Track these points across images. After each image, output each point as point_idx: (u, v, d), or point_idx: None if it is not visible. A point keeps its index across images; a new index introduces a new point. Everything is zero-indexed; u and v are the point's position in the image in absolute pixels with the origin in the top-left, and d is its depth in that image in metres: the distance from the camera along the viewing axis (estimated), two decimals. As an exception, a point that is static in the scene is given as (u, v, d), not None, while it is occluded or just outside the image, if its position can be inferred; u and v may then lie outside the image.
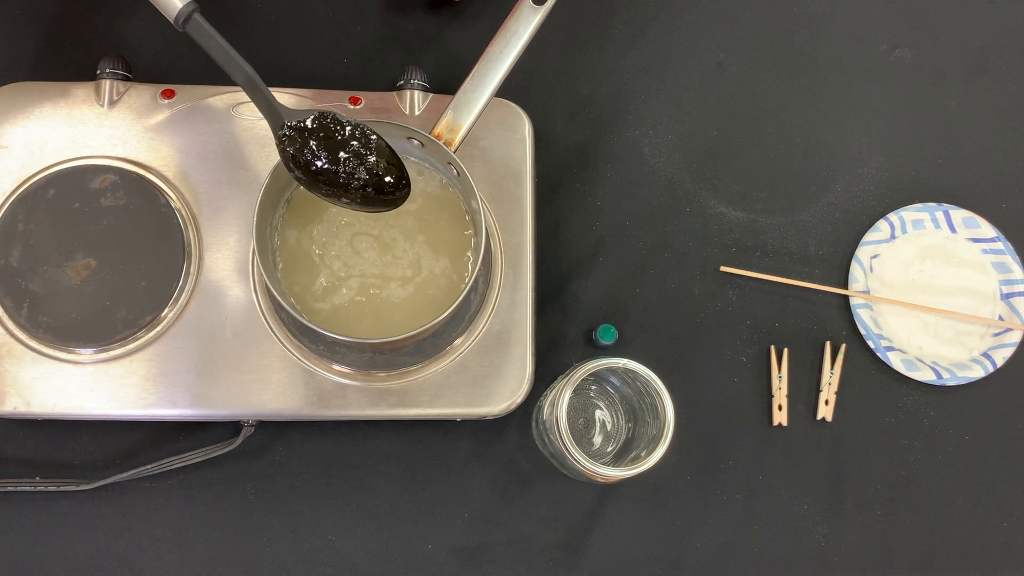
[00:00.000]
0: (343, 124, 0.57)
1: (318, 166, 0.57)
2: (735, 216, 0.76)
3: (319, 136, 0.57)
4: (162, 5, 0.54)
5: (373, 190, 0.58)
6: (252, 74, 0.56)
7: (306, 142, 0.57)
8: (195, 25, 0.55)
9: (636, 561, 0.69)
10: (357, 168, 0.57)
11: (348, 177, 0.57)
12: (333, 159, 0.57)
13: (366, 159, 0.57)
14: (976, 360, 0.74)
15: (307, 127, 0.57)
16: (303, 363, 0.63)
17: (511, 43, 0.60)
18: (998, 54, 0.81)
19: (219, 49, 0.55)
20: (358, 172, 0.57)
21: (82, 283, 0.62)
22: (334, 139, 0.57)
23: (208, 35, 0.55)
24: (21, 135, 0.65)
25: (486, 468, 0.69)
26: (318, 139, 0.57)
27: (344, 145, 0.57)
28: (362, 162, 0.57)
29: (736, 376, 0.73)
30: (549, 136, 0.75)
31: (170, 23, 0.55)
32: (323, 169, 0.57)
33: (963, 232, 0.76)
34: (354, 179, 0.57)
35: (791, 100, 0.79)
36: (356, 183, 0.57)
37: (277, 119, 0.57)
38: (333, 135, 0.57)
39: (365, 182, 0.58)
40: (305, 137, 0.57)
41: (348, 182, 0.57)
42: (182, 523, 0.66)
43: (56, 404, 0.62)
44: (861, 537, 0.71)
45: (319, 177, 0.57)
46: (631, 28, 0.79)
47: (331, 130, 0.57)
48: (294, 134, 0.57)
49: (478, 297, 0.66)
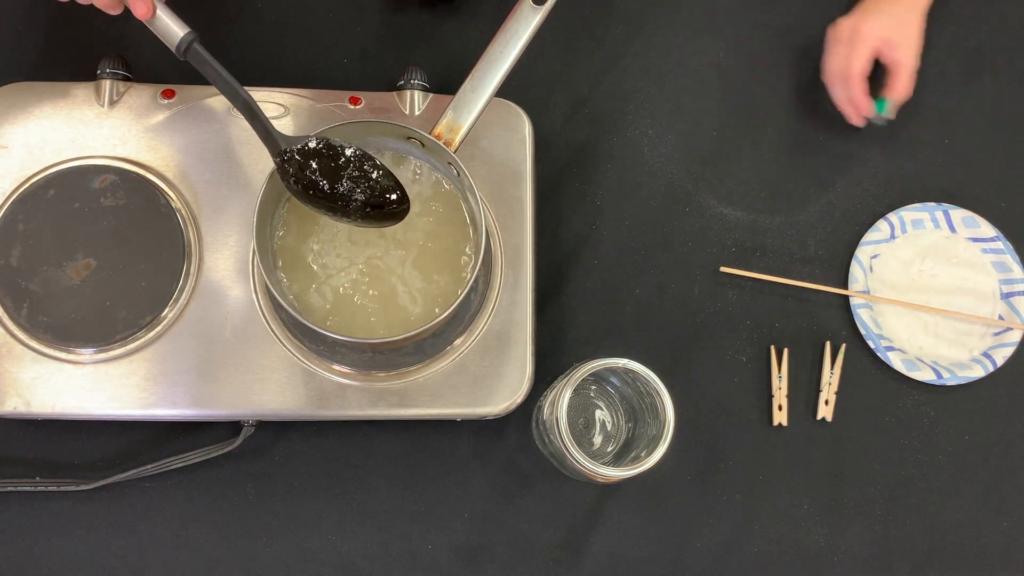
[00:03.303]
0: (341, 147, 0.59)
1: (318, 189, 0.58)
2: (735, 216, 0.76)
3: (318, 160, 0.58)
4: (163, 34, 0.56)
5: (372, 208, 0.60)
6: (250, 101, 0.58)
7: (306, 165, 0.58)
8: (195, 54, 0.57)
9: (636, 561, 0.69)
10: (355, 189, 0.59)
11: (347, 198, 0.59)
12: (332, 181, 0.58)
13: (364, 180, 0.59)
14: (976, 360, 0.74)
15: (306, 150, 0.58)
16: (303, 363, 0.63)
17: (511, 43, 0.60)
18: (998, 54, 0.81)
19: (218, 77, 0.57)
20: (355, 193, 0.59)
21: (82, 283, 0.62)
22: (332, 162, 0.58)
23: (207, 63, 0.57)
24: (21, 135, 0.65)
25: (486, 468, 0.69)
26: (317, 163, 0.58)
27: (342, 168, 0.59)
28: (359, 183, 0.59)
29: (736, 376, 0.73)
30: (549, 136, 0.75)
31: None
32: (323, 191, 0.59)
33: (963, 232, 0.76)
34: (352, 200, 0.59)
35: (791, 100, 0.79)
36: (355, 203, 0.59)
37: (275, 145, 0.58)
38: (331, 159, 0.58)
39: (364, 202, 0.59)
40: (304, 161, 0.58)
41: (348, 203, 0.59)
42: (182, 523, 0.66)
43: (56, 404, 0.62)
44: (861, 537, 0.71)
45: (319, 198, 0.59)
46: (631, 28, 0.79)
47: (328, 155, 0.58)
48: (295, 158, 0.58)
49: (478, 297, 0.66)
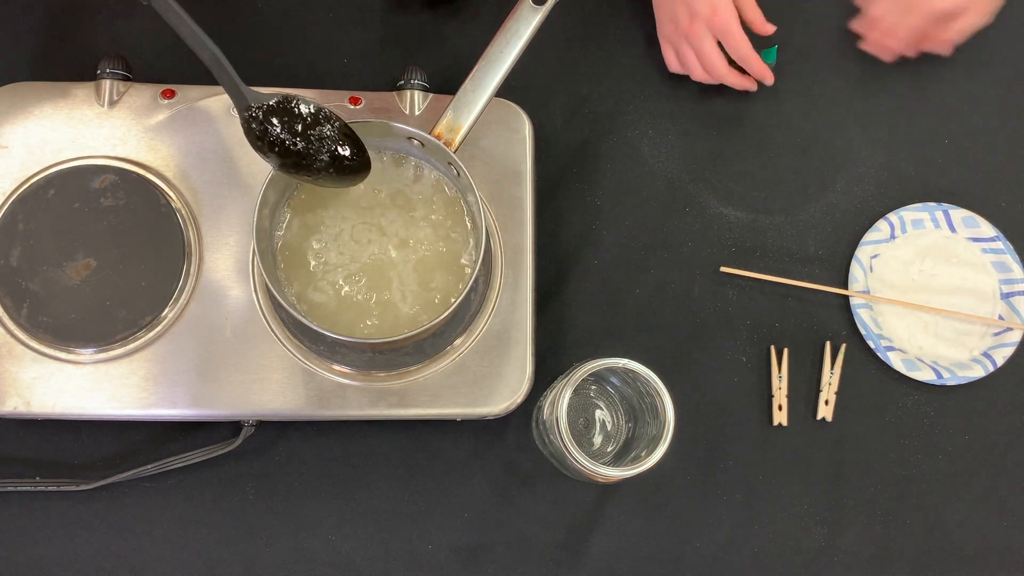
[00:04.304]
0: (297, 103, 0.58)
1: (283, 146, 0.58)
2: (735, 216, 0.76)
3: (278, 117, 0.58)
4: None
5: (335, 163, 0.59)
6: (218, 54, 0.56)
7: (269, 122, 0.57)
8: (160, 1, 0.55)
9: (636, 561, 0.69)
10: (313, 145, 0.58)
11: (311, 154, 0.58)
12: (293, 137, 0.58)
13: (326, 136, 0.58)
14: (976, 360, 0.74)
15: (269, 107, 0.57)
16: (303, 363, 0.63)
17: (511, 43, 0.60)
18: (999, 52, 0.81)
19: (185, 27, 0.55)
20: (314, 149, 0.58)
21: (82, 283, 0.62)
22: (291, 118, 0.58)
23: (174, 12, 0.55)
24: (21, 135, 0.65)
25: (486, 468, 0.69)
26: (281, 120, 0.58)
27: (300, 122, 0.58)
28: (323, 139, 0.58)
29: (736, 376, 0.73)
30: (549, 136, 0.75)
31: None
32: (286, 148, 0.58)
33: (963, 232, 0.76)
34: (314, 156, 0.59)
35: (791, 100, 0.79)
36: (319, 161, 0.59)
37: (242, 101, 0.58)
38: (290, 115, 0.58)
39: (328, 159, 0.59)
40: (268, 118, 0.57)
41: (311, 160, 0.59)
42: (182, 523, 0.66)
43: (56, 404, 0.62)
44: (861, 537, 0.71)
45: (284, 155, 0.58)
46: (631, 28, 0.79)
47: (287, 110, 0.58)
48: (260, 116, 0.57)
49: (478, 297, 0.66)
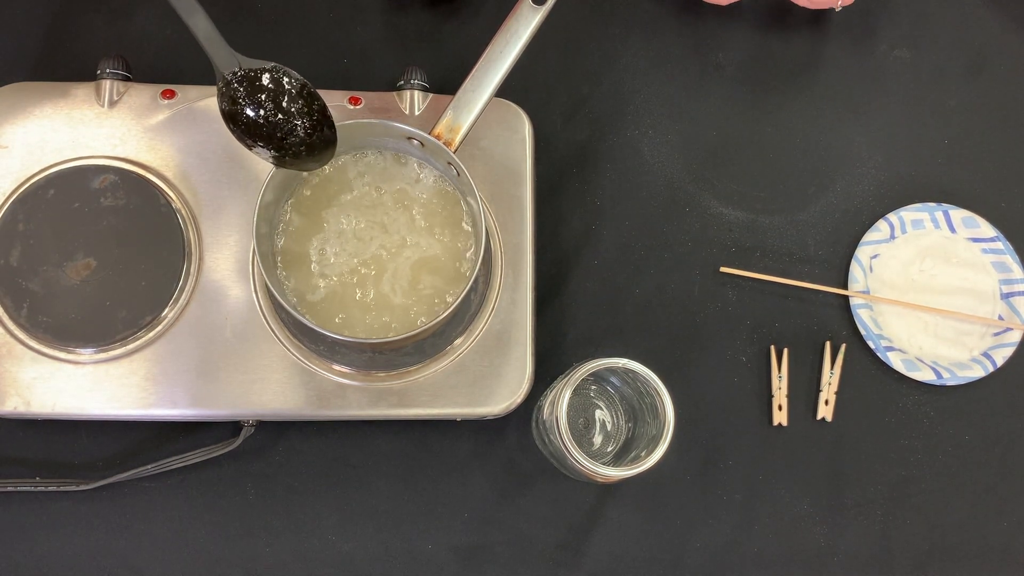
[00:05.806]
0: (258, 73, 0.56)
1: (250, 121, 0.56)
2: (735, 216, 0.76)
3: (246, 86, 0.56)
4: None
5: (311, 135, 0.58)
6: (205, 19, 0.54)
7: (237, 94, 0.56)
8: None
9: (636, 561, 0.69)
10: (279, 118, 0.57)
11: (278, 128, 0.57)
12: (257, 110, 0.56)
13: (288, 107, 0.57)
14: (976, 360, 0.74)
15: (236, 76, 0.56)
16: (303, 363, 0.63)
17: (511, 43, 0.60)
18: (998, 54, 0.81)
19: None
20: (278, 121, 0.57)
21: (82, 283, 0.62)
22: (253, 89, 0.56)
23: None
24: (21, 135, 0.65)
25: (486, 468, 0.69)
26: (245, 90, 0.56)
27: (260, 93, 0.56)
28: (283, 110, 0.57)
29: (736, 376, 0.73)
30: (549, 136, 0.75)
31: (172, 23, 0.54)
32: (255, 122, 0.56)
33: (963, 232, 0.76)
34: (284, 132, 0.57)
35: (791, 100, 0.79)
36: (292, 138, 0.57)
37: (220, 73, 0.56)
38: (253, 86, 0.56)
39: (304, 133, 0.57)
40: (236, 91, 0.56)
41: (284, 136, 0.57)
42: (182, 523, 0.66)
43: (56, 404, 0.62)
44: (861, 537, 0.71)
45: (255, 132, 0.57)
46: (631, 28, 0.79)
47: (250, 81, 0.56)
48: (231, 88, 0.56)
49: (478, 297, 0.66)
